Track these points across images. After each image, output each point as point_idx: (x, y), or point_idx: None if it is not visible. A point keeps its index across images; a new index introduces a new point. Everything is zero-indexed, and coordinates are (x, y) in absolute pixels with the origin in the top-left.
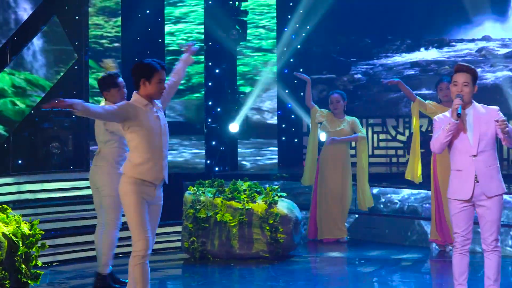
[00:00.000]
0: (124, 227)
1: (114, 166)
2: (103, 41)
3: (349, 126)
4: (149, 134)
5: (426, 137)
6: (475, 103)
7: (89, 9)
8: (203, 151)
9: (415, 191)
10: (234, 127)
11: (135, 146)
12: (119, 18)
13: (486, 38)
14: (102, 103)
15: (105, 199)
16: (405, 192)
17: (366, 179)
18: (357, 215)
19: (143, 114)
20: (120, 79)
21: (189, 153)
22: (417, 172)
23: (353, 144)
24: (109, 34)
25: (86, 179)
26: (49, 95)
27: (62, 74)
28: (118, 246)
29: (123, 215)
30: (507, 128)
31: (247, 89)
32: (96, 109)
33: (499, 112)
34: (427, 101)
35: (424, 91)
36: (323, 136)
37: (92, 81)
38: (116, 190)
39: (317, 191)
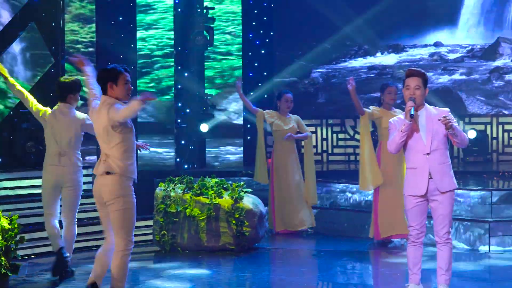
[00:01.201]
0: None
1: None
2: (79, 46)
3: (296, 123)
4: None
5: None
6: (427, 105)
7: (65, 16)
8: (173, 149)
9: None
10: (204, 127)
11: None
12: (94, 25)
13: (437, 44)
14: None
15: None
16: None
17: (314, 176)
18: (317, 210)
19: None
20: None
21: (160, 151)
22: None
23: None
24: (84, 40)
25: None
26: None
27: (39, 77)
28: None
29: None
30: (450, 123)
31: (214, 92)
32: None
33: (450, 113)
34: (371, 107)
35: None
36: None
37: None
38: None
39: (274, 187)
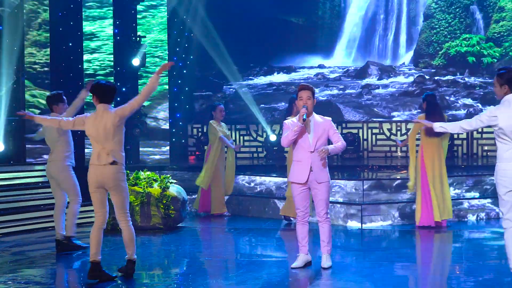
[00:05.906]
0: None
1: (65, 159)
2: (36, 66)
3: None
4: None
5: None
6: (315, 114)
7: (25, 42)
8: None
9: (271, 178)
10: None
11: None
12: (48, 49)
13: (321, 66)
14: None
15: (64, 184)
16: (264, 178)
17: (234, 172)
18: (229, 196)
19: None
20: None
21: None
22: None
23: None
24: (40, 61)
25: (24, 171)
26: None
27: (3, 91)
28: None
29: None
30: (326, 154)
31: (146, 103)
32: None
33: (332, 122)
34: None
35: (278, 104)
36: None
37: (28, 97)
38: (68, 175)
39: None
